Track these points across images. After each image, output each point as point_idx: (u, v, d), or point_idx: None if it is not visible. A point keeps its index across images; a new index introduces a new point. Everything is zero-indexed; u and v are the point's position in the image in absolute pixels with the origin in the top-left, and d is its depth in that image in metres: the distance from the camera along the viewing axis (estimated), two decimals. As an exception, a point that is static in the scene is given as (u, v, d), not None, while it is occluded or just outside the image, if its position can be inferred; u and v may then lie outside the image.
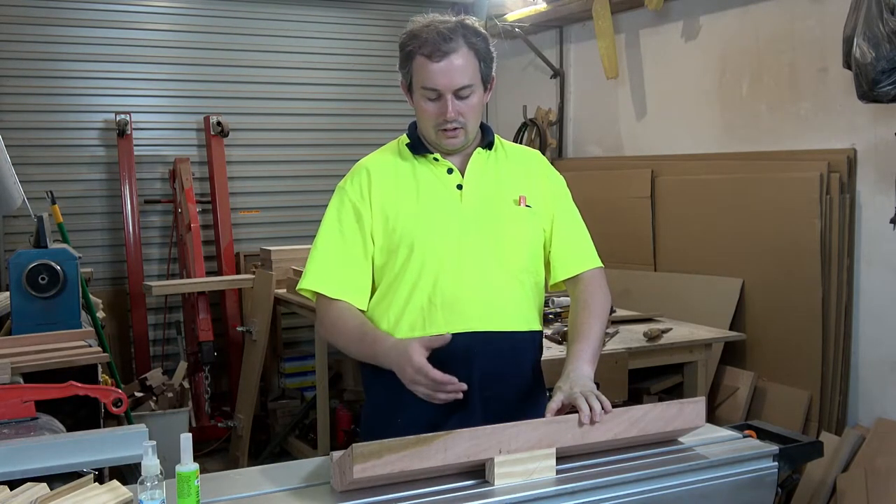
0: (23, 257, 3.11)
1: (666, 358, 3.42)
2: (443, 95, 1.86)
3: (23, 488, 1.55)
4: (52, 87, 5.10)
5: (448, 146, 1.93)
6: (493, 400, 1.90)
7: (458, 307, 1.89)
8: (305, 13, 5.69)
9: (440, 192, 1.94)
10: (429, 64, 1.85)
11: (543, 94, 5.52)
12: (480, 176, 1.98)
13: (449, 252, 1.90)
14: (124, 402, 2.23)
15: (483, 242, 1.92)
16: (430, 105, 1.89)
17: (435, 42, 1.84)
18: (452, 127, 1.88)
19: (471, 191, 1.95)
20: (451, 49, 1.84)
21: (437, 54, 1.84)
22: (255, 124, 5.57)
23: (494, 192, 1.97)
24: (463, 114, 1.88)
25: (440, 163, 1.96)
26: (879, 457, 3.31)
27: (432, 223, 1.91)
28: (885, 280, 3.53)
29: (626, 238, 4.66)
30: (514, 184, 2.01)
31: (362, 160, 2.04)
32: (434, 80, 1.85)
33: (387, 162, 2.00)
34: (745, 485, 1.72)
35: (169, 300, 5.32)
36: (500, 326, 1.92)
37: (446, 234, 1.91)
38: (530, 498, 1.50)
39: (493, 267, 1.93)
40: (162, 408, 4.51)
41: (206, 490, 1.48)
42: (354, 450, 1.45)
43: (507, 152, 2.06)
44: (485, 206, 1.95)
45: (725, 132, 4.29)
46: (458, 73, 1.85)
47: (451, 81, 1.85)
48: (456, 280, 1.89)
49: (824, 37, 3.71)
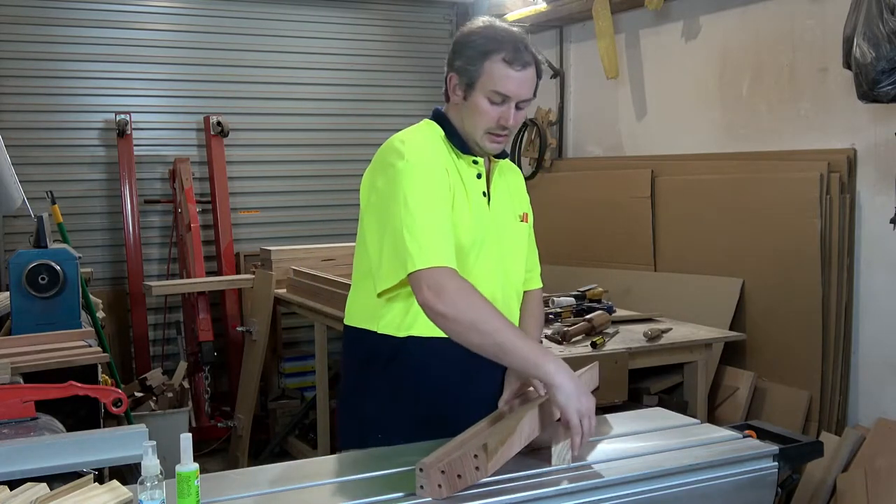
0: (23, 257, 3.11)
1: (666, 358, 3.41)
2: (507, 102, 1.89)
3: (23, 488, 1.55)
4: (52, 87, 5.10)
5: (491, 150, 1.97)
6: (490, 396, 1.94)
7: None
8: (305, 13, 5.69)
9: (475, 195, 1.98)
10: (509, 70, 1.87)
11: (543, 94, 5.51)
12: (499, 188, 2.05)
13: (477, 254, 1.94)
14: (124, 402, 2.23)
15: (499, 253, 2.00)
16: (492, 108, 1.90)
17: (518, 50, 1.88)
18: (504, 134, 1.93)
19: (495, 201, 2.02)
20: (530, 61, 1.90)
21: (519, 62, 1.88)
22: (255, 124, 5.57)
23: (509, 206, 2.07)
24: (516, 123, 1.94)
25: (476, 166, 1.99)
26: (879, 457, 3.31)
27: (472, 223, 1.94)
28: (885, 280, 3.53)
29: (626, 238, 4.66)
30: (519, 200, 2.12)
31: (412, 136, 1.94)
32: (510, 86, 1.88)
33: (440, 151, 1.94)
34: (745, 485, 1.72)
35: (169, 300, 5.32)
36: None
37: (477, 239, 1.95)
38: (531, 498, 1.50)
39: (500, 275, 2.00)
40: (162, 408, 4.51)
41: (206, 490, 1.48)
42: (488, 447, 1.49)
43: (508, 167, 2.14)
44: (504, 218, 2.04)
45: (725, 132, 4.29)
46: (529, 84, 1.91)
47: (523, 91, 1.90)
48: (478, 283, 1.88)
49: (824, 37, 3.71)
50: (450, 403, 1.94)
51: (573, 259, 5.02)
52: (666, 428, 1.93)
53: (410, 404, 1.96)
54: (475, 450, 1.47)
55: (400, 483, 1.59)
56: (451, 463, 1.47)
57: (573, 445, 1.65)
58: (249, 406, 4.68)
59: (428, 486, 1.47)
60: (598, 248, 4.88)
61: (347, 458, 1.88)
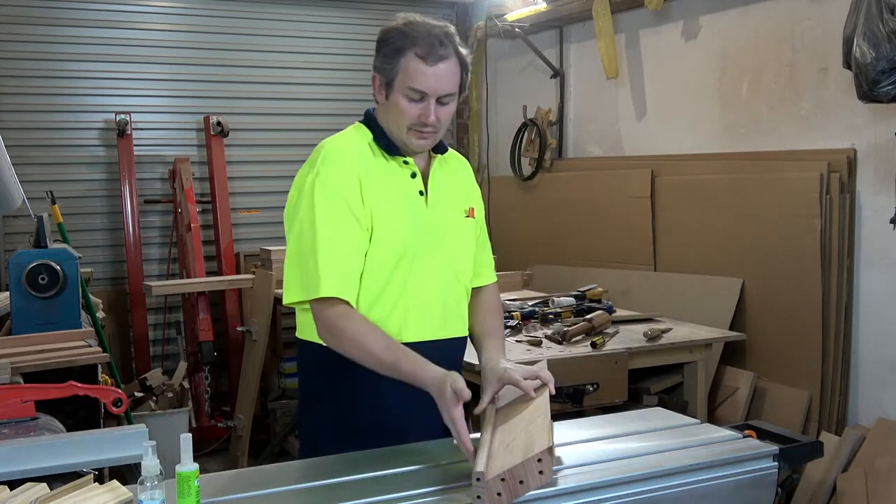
0: (23, 257, 3.12)
1: (666, 358, 3.42)
2: (426, 99, 1.87)
3: (23, 488, 1.55)
4: (52, 87, 5.10)
5: (417, 147, 1.94)
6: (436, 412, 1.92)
7: (426, 314, 1.93)
8: (305, 13, 5.69)
9: (409, 197, 1.95)
10: (422, 66, 1.85)
11: (543, 94, 5.52)
12: (440, 184, 2.01)
13: (416, 257, 1.92)
14: (124, 402, 2.23)
15: (443, 251, 1.97)
16: (411, 105, 1.88)
17: (431, 45, 1.84)
18: (428, 131, 1.90)
19: (434, 199, 1.99)
20: (446, 55, 1.86)
21: (433, 57, 1.85)
22: (255, 124, 5.57)
23: (451, 202, 2.03)
24: (440, 119, 1.90)
25: (409, 166, 1.97)
26: (879, 457, 3.31)
27: (406, 228, 1.92)
28: (885, 280, 3.53)
29: (626, 238, 4.66)
30: (465, 194, 2.08)
31: (332, 146, 1.94)
32: (425, 82, 1.86)
33: (362, 156, 1.93)
34: (745, 485, 1.72)
35: (169, 300, 5.32)
36: (454, 333, 1.99)
37: (412, 239, 1.92)
38: (531, 498, 1.50)
39: (447, 276, 1.98)
40: (162, 408, 4.51)
41: (206, 490, 1.48)
42: (553, 451, 1.52)
43: (452, 159, 2.11)
44: (444, 215, 1.99)
45: (725, 132, 4.29)
46: (447, 79, 1.87)
47: (440, 87, 1.87)
48: (422, 288, 1.93)
49: (824, 37, 3.71)
50: (394, 414, 1.92)
51: (573, 259, 5.02)
52: (666, 428, 1.93)
53: (357, 414, 1.95)
54: (538, 454, 1.47)
55: (400, 483, 1.60)
56: (512, 471, 1.46)
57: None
58: (249, 406, 4.68)
59: (486, 496, 1.44)
60: (598, 248, 4.88)
61: (348, 458, 1.88)
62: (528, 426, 1.65)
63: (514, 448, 1.55)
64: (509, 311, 3.64)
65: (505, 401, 1.90)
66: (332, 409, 1.97)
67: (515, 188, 5.53)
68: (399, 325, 1.91)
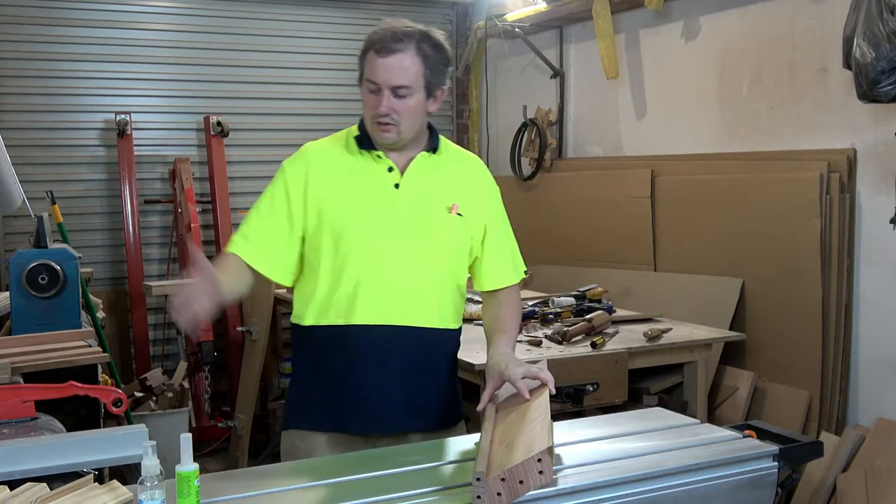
0: (23, 257, 3.11)
1: (666, 358, 3.41)
2: (382, 90, 1.96)
3: (23, 488, 1.55)
4: (52, 87, 5.10)
5: (382, 140, 2.02)
6: (413, 389, 2.04)
7: (381, 301, 2.00)
8: (305, 13, 5.69)
9: (376, 189, 2.04)
10: (375, 58, 1.97)
11: (543, 94, 5.52)
12: (419, 178, 2.06)
13: (377, 247, 2.00)
14: (124, 402, 2.23)
15: (410, 243, 2.02)
16: (369, 97, 2.00)
17: (384, 39, 1.96)
18: (385, 122, 1.98)
19: (406, 191, 2.04)
20: (399, 49, 1.96)
21: (385, 51, 1.96)
22: (255, 124, 5.57)
23: (429, 197, 2.07)
24: (397, 112, 1.98)
25: (382, 160, 2.05)
26: (879, 457, 3.31)
27: (363, 217, 2.01)
28: (885, 280, 3.53)
29: (626, 238, 4.66)
30: (451, 191, 2.10)
31: (310, 144, 2.13)
32: (376, 73, 1.97)
33: (331, 151, 2.09)
34: (745, 485, 1.72)
35: (169, 300, 5.31)
36: (417, 322, 2.03)
37: (376, 230, 2.01)
38: (531, 498, 1.50)
39: (416, 267, 2.03)
40: (162, 408, 4.51)
41: (206, 490, 1.48)
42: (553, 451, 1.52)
43: (451, 157, 2.16)
44: (417, 209, 2.04)
45: (725, 132, 4.29)
46: (398, 71, 1.96)
47: (391, 78, 1.96)
48: (381, 275, 2.00)
49: (824, 37, 3.71)
50: (351, 392, 2.03)
51: (573, 259, 5.02)
52: (666, 428, 1.93)
53: (317, 392, 2.08)
54: (538, 454, 1.47)
55: (400, 483, 1.60)
56: (512, 470, 1.46)
57: None
58: (249, 406, 4.68)
59: (486, 496, 1.44)
60: (598, 248, 4.88)
61: (347, 458, 1.89)
62: (528, 426, 1.65)
63: (514, 448, 1.55)
64: (509, 311, 3.64)
65: (505, 398, 1.90)
66: (297, 386, 2.15)
67: (515, 188, 5.53)
68: (348, 305, 2.01)
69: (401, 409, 2.03)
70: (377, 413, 2.02)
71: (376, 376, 2.01)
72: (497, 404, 1.89)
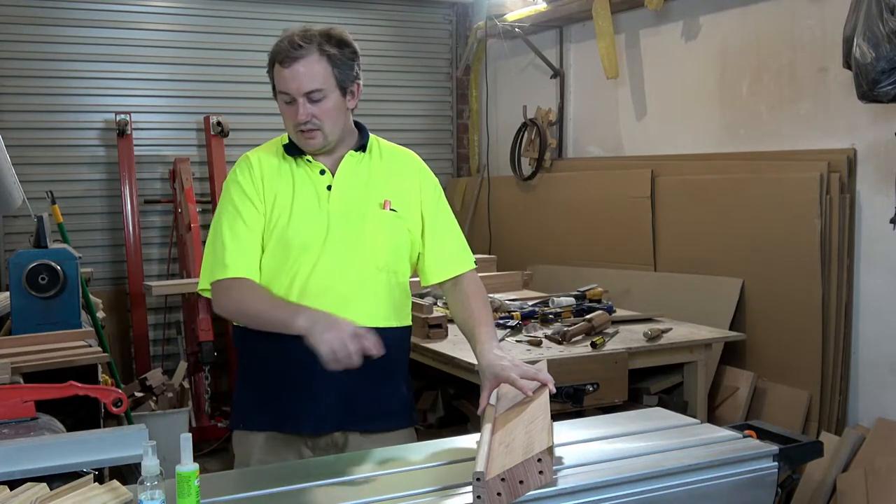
0: (23, 257, 3.12)
1: (666, 358, 3.41)
2: (295, 99, 1.99)
3: (23, 488, 1.55)
4: (52, 87, 5.10)
5: (309, 147, 2.04)
6: (351, 389, 2.00)
7: (318, 301, 1.98)
8: (305, 13, 5.70)
9: (311, 192, 2.05)
10: (282, 70, 1.99)
11: (543, 94, 5.52)
12: (349, 178, 2.08)
13: (313, 249, 2.01)
14: (124, 402, 2.23)
15: (344, 242, 2.03)
16: (286, 108, 2.02)
17: (286, 50, 1.99)
18: (308, 129, 2.00)
19: (338, 192, 2.06)
20: (300, 55, 1.97)
21: (287, 60, 1.97)
22: (255, 124, 5.56)
23: (360, 195, 2.08)
24: (317, 116, 2.00)
25: (313, 164, 2.07)
26: (879, 457, 3.31)
27: (299, 221, 2.02)
28: (885, 280, 3.53)
29: (626, 238, 4.66)
30: (382, 187, 2.11)
31: (248, 154, 2.12)
32: (286, 84, 1.99)
33: (267, 159, 2.09)
34: (745, 485, 1.72)
35: (169, 300, 5.32)
36: (366, 323, 1.97)
37: (312, 233, 2.02)
38: (531, 498, 1.50)
39: (353, 266, 2.03)
40: (162, 408, 4.51)
41: (206, 490, 1.48)
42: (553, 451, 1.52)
43: (381, 154, 2.17)
44: (349, 208, 2.05)
45: (725, 132, 4.29)
46: (305, 78, 1.98)
47: (300, 86, 1.98)
48: (318, 276, 2.01)
49: (824, 37, 3.71)
50: (287, 392, 2.03)
51: (573, 259, 5.02)
52: (666, 428, 1.93)
53: (256, 392, 2.09)
54: (538, 454, 1.47)
55: (400, 483, 1.60)
56: (512, 470, 1.46)
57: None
58: (249, 406, 4.67)
59: (486, 496, 1.44)
60: (598, 248, 4.88)
61: (347, 458, 1.89)
62: (528, 426, 1.65)
63: (514, 448, 1.55)
64: (509, 311, 3.64)
65: (504, 399, 1.90)
66: (241, 388, 2.16)
67: (515, 188, 5.53)
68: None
69: (338, 409, 2.02)
70: (313, 413, 2.01)
71: (313, 376, 1.93)
72: (497, 405, 1.89)
